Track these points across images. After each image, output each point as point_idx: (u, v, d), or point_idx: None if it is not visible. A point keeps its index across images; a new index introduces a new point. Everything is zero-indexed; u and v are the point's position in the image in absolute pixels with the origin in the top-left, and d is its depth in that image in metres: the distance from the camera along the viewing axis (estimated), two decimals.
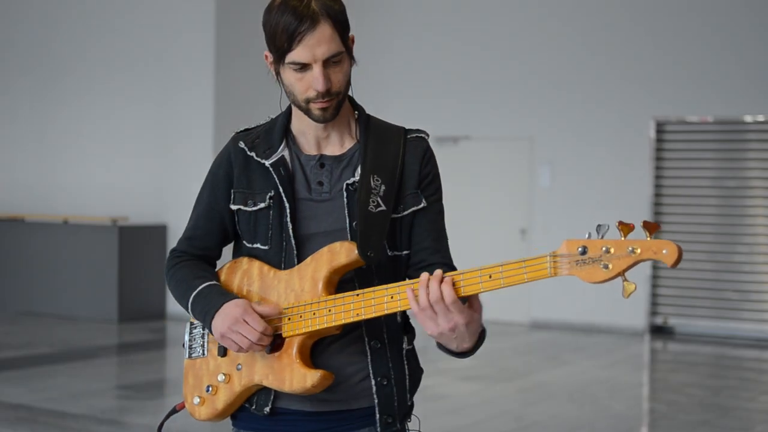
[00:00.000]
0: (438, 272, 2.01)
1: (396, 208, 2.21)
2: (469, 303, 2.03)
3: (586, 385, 8.53)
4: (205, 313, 2.21)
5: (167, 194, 12.37)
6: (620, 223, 1.88)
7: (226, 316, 2.15)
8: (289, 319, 2.16)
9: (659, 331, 11.69)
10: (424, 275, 2.02)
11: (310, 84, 2.12)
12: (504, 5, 12.49)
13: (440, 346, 2.12)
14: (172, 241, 12.14)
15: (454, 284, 2.00)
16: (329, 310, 2.12)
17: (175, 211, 12.22)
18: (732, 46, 11.33)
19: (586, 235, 1.92)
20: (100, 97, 13.00)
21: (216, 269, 2.36)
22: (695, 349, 10.87)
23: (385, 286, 2.08)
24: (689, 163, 11.68)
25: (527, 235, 12.32)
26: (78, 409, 7.07)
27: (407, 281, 2.08)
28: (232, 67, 12.19)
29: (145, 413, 7.06)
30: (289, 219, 2.21)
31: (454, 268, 2.19)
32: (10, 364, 8.95)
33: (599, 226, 1.89)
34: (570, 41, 12.12)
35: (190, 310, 2.26)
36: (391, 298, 2.07)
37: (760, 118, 11.27)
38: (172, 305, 12.09)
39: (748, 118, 11.34)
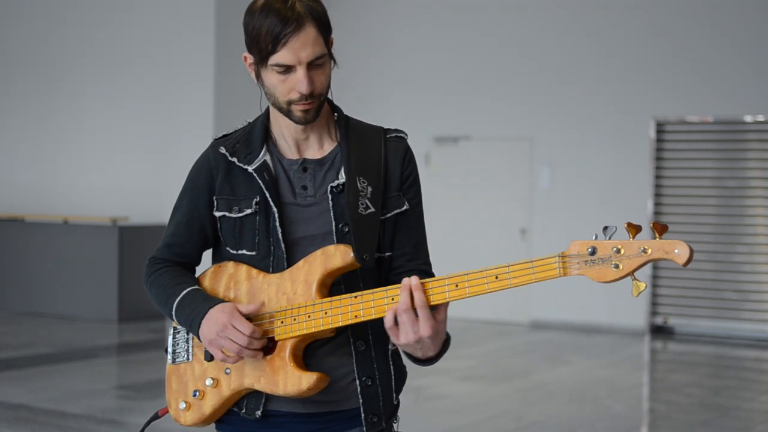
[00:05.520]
0: (406, 280, 2.04)
1: (380, 211, 2.21)
2: (434, 314, 2.04)
3: (586, 385, 8.53)
4: (191, 321, 2.18)
5: (167, 194, 12.35)
6: (628, 224, 1.89)
7: (213, 322, 2.13)
8: (282, 322, 2.15)
9: (659, 331, 11.69)
10: (405, 281, 2.04)
11: (293, 86, 2.12)
12: (504, 6, 12.49)
13: (406, 353, 2.15)
14: None
15: (425, 291, 2.03)
16: (325, 313, 2.11)
17: None
18: (732, 46, 11.33)
19: (593, 237, 1.93)
20: (100, 97, 13.00)
21: (197, 275, 2.34)
22: (695, 349, 10.87)
23: (384, 288, 2.08)
24: (689, 163, 11.68)
25: (527, 235, 12.32)
26: (78, 409, 7.07)
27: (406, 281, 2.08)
28: (232, 67, 12.19)
29: (145, 413, 7.05)
30: (278, 224, 2.19)
31: (431, 274, 2.22)
32: (10, 364, 8.95)
33: (606, 227, 1.90)
34: (570, 41, 12.12)
35: (174, 317, 2.24)
36: (392, 300, 2.07)
37: (760, 118, 11.27)
38: None
39: (748, 118, 11.34)
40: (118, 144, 12.86)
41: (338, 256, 2.13)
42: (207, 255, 2.39)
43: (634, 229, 1.89)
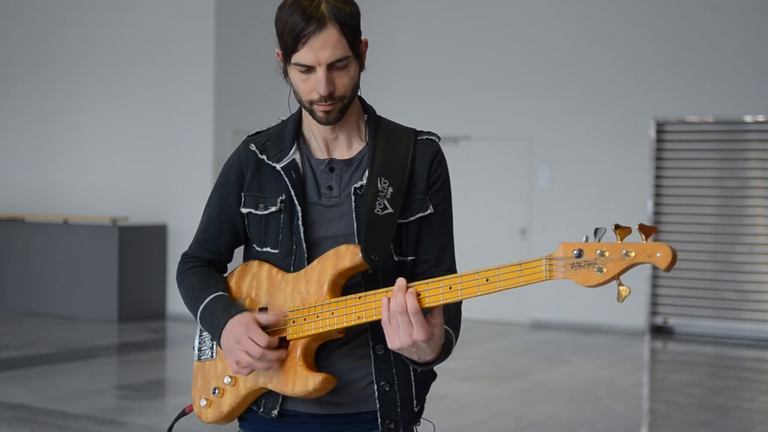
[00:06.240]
0: (401, 282, 2.02)
1: (403, 214, 2.19)
2: (429, 318, 2.02)
3: (586, 385, 8.53)
4: (212, 332, 2.21)
5: (167, 194, 12.37)
6: (617, 226, 1.86)
7: (231, 334, 2.14)
8: (294, 322, 2.15)
9: (659, 331, 11.69)
10: (399, 281, 2.02)
11: (313, 86, 2.11)
12: (504, 6, 12.48)
13: (404, 357, 2.13)
14: (172, 241, 12.14)
15: (419, 294, 2.00)
16: (332, 313, 2.11)
17: (175, 211, 12.23)
18: (732, 46, 11.33)
19: (584, 239, 1.90)
20: (100, 96, 13.00)
21: (227, 273, 2.36)
22: (695, 349, 10.87)
23: (386, 289, 2.06)
24: (689, 163, 11.68)
25: (527, 235, 12.32)
26: (78, 409, 7.07)
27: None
28: (232, 67, 12.19)
29: (145, 413, 7.06)
30: (300, 223, 2.19)
31: None
32: (10, 364, 8.95)
33: (597, 229, 1.87)
34: (570, 41, 12.12)
35: (198, 324, 2.28)
36: None
37: (760, 118, 11.27)
38: (172, 305, 12.09)
39: (748, 118, 11.34)
40: (118, 144, 12.85)
41: (348, 256, 2.12)
42: (239, 252, 2.40)
43: (623, 231, 1.85)
